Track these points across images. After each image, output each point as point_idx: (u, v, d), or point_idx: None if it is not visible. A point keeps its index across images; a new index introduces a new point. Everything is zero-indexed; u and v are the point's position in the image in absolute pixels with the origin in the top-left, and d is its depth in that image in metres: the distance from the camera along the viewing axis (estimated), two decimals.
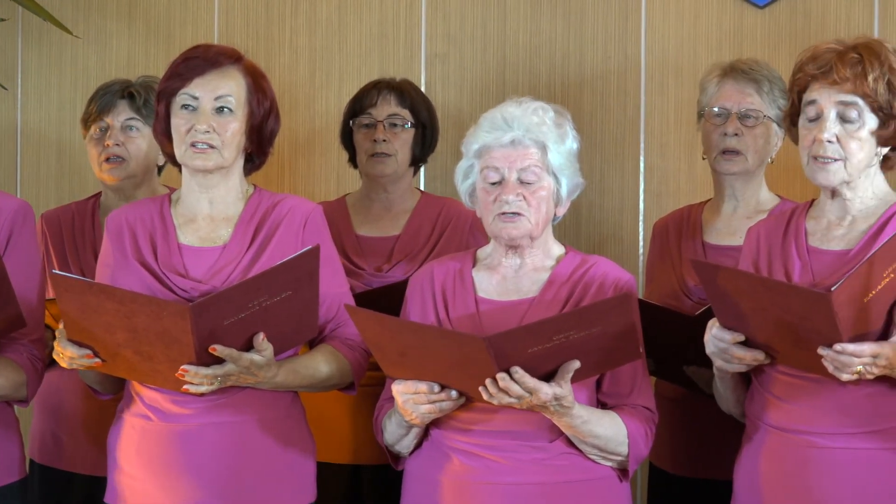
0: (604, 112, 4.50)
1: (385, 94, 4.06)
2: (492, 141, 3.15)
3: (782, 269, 3.07)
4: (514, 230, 3.13)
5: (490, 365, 2.87)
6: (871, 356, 2.80)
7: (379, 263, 3.95)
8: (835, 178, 3.01)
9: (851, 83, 2.97)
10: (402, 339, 2.97)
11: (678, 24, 4.44)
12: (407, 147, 4.04)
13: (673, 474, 3.79)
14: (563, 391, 2.92)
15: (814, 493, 2.96)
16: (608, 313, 2.88)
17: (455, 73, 4.57)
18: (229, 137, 3.24)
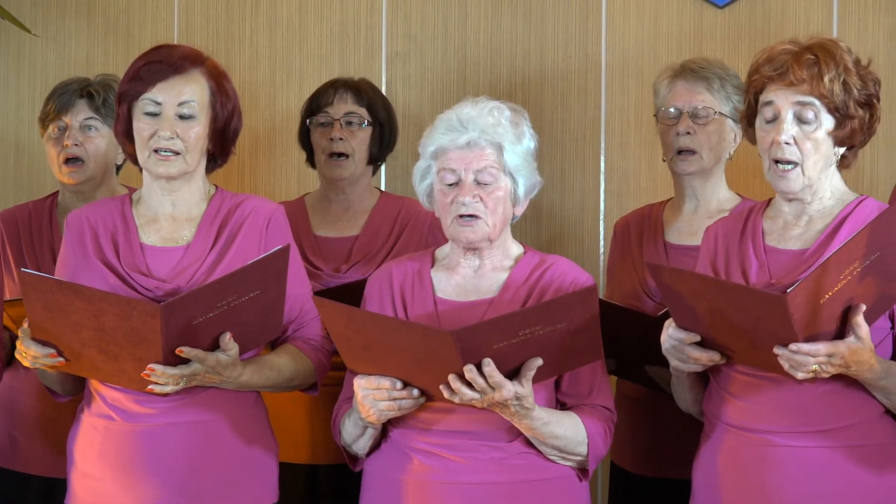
0: (564, 111, 4.51)
1: (342, 93, 4.05)
2: (447, 143, 3.15)
3: (739, 268, 3.08)
4: (472, 234, 3.13)
5: (455, 360, 2.87)
6: (827, 355, 2.81)
7: (337, 264, 3.94)
8: (795, 185, 3.02)
9: (808, 84, 2.98)
10: (368, 333, 2.96)
11: (638, 24, 4.45)
12: (364, 146, 4.03)
13: (634, 473, 3.80)
14: (524, 390, 2.92)
15: (770, 492, 2.97)
16: (573, 307, 2.89)
17: (416, 72, 4.57)
18: (193, 142, 3.23)
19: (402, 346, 2.92)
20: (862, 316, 2.82)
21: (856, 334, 2.82)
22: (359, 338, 2.97)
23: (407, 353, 2.93)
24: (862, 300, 2.83)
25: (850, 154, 3.08)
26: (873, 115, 3.05)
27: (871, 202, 3.07)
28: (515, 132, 3.18)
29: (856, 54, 3.05)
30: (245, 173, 4.64)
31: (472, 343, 2.85)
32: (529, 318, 2.87)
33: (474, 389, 2.90)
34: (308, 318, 3.31)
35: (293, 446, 3.84)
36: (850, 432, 2.96)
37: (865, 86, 3.02)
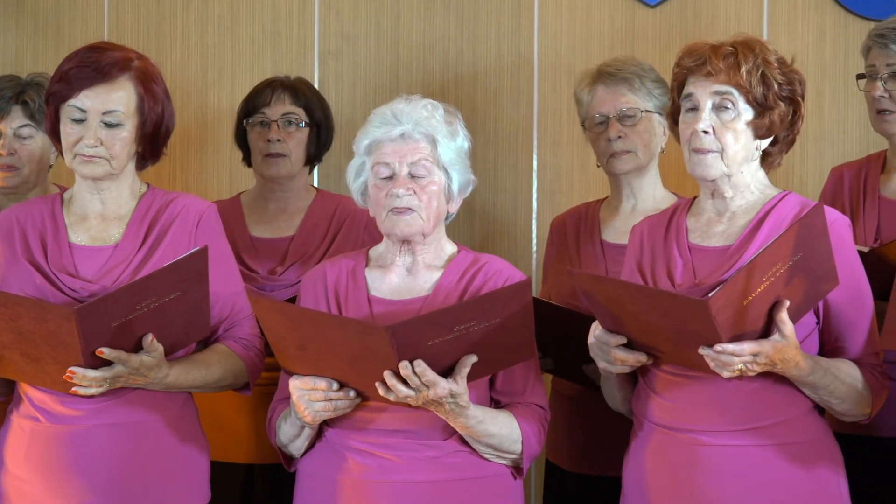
0: (497, 110, 4.51)
1: (279, 93, 4.03)
2: (381, 135, 3.16)
3: (664, 267, 3.10)
4: (407, 227, 3.13)
5: (390, 356, 2.87)
6: (752, 354, 2.84)
7: (273, 266, 3.92)
8: (714, 170, 3.03)
9: (725, 74, 3.01)
10: (303, 330, 2.95)
11: (570, 23, 4.47)
12: (301, 146, 4.02)
13: (568, 471, 3.80)
14: (459, 388, 2.93)
15: (698, 490, 2.99)
16: (507, 301, 2.89)
17: (348, 70, 4.56)
18: (118, 150, 3.20)
19: (337, 344, 2.92)
20: (786, 313, 2.84)
21: (781, 332, 2.85)
22: (293, 336, 2.96)
23: (342, 351, 2.92)
24: (788, 299, 2.85)
25: (773, 151, 3.10)
26: (797, 113, 3.08)
27: (793, 197, 3.09)
28: (449, 129, 3.19)
29: (781, 53, 3.08)
30: (176, 172, 4.61)
31: (407, 339, 2.85)
32: (464, 313, 2.87)
33: (409, 387, 2.90)
34: (240, 317, 3.30)
35: (230, 445, 3.82)
36: (778, 429, 2.98)
37: (789, 82, 3.05)
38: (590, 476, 3.74)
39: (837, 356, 3.01)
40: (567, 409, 3.60)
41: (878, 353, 3.04)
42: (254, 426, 3.77)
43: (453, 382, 2.92)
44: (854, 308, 3.01)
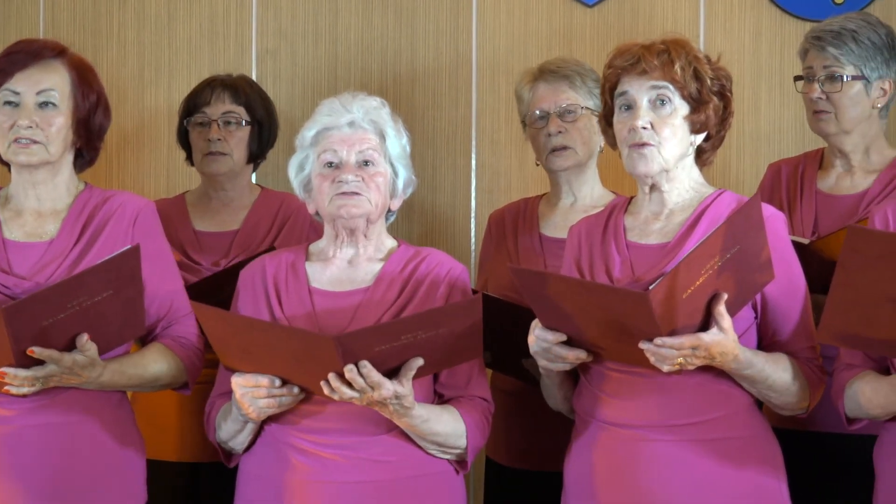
0: (436, 109, 4.51)
1: (219, 92, 4.02)
2: (330, 123, 3.17)
3: (603, 266, 3.11)
4: (354, 208, 3.13)
5: (336, 361, 2.86)
6: (691, 348, 2.85)
7: (217, 258, 3.90)
8: (653, 164, 3.05)
9: (659, 70, 3.04)
10: (247, 337, 2.94)
11: (509, 22, 4.48)
12: (243, 145, 4.01)
13: (507, 466, 3.81)
14: (404, 390, 2.93)
15: (641, 485, 2.99)
16: (457, 315, 2.91)
17: (286, 68, 4.55)
18: (54, 133, 3.19)
19: (282, 349, 2.91)
20: (724, 307, 2.85)
21: (719, 325, 2.86)
22: (237, 340, 2.96)
23: (287, 356, 2.92)
24: (724, 292, 2.87)
25: (707, 147, 3.13)
26: (727, 108, 3.11)
27: (728, 195, 3.11)
28: (395, 126, 3.22)
29: (706, 52, 3.13)
30: (113, 171, 4.57)
31: (353, 347, 2.85)
32: (412, 325, 2.88)
33: (354, 388, 2.90)
34: (179, 315, 3.28)
35: (174, 445, 3.81)
36: (718, 424, 3.00)
37: (718, 78, 3.09)
38: (529, 472, 3.74)
39: (775, 350, 3.03)
40: (506, 404, 3.61)
41: (815, 346, 3.07)
42: (199, 425, 3.74)
43: (398, 384, 2.92)
44: (791, 303, 3.04)
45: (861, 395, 2.99)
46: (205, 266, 3.86)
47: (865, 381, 2.99)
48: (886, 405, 2.94)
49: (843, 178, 3.68)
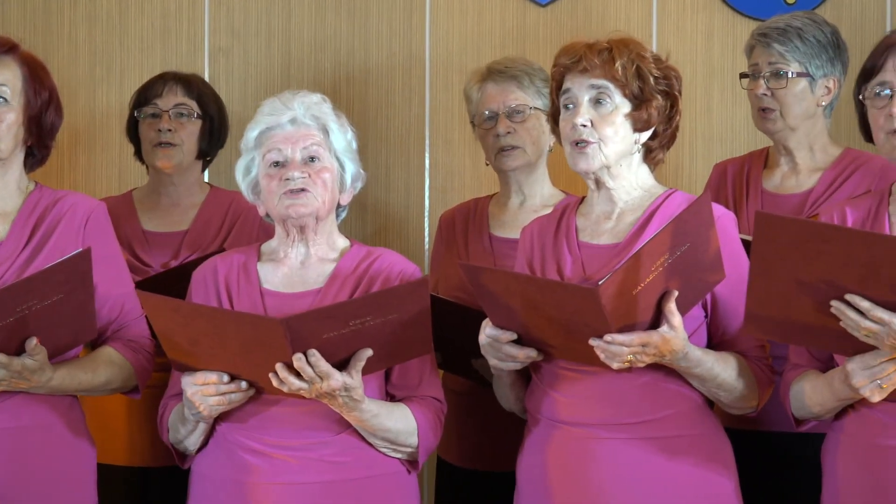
0: (389, 108, 4.52)
1: (171, 85, 4.02)
2: (272, 122, 3.16)
3: (555, 266, 3.12)
4: (302, 207, 3.13)
5: (285, 349, 2.85)
6: (641, 345, 2.86)
7: (166, 259, 3.89)
8: (594, 162, 3.07)
9: (600, 69, 3.05)
10: (196, 326, 2.93)
11: (462, 22, 4.48)
12: (193, 138, 4.00)
13: (459, 467, 3.82)
14: (353, 382, 2.92)
15: (593, 484, 3.00)
16: (404, 298, 2.90)
17: (239, 67, 4.54)
18: (4, 129, 3.16)
19: (230, 338, 2.90)
20: (675, 304, 2.87)
21: (669, 323, 2.87)
22: (185, 332, 2.94)
23: (235, 345, 2.91)
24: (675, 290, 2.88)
25: (655, 146, 3.14)
26: (674, 107, 3.12)
27: (679, 195, 3.13)
28: (339, 120, 3.22)
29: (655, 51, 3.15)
30: (65, 170, 4.55)
31: (302, 332, 2.84)
32: (360, 308, 2.87)
33: (302, 379, 2.89)
34: (130, 318, 3.26)
35: (122, 448, 3.79)
36: (669, 422, 3.01)
37: (665, 77, 3.10)
38: (480, 472, 3.75)
39: (725, 349, 3.05)
40: (456, 405, 3.61)
41: (764, 346, 3.09)
42: (147, 429, 3.73)
43: (347, 376, 2.91)
44: (741, 301, 3.03)
45: (803, 395, 3.01)
46: (154, 267, 3.85)
47: (806, 379, 3.01)
48: (823, 402, 2.97)
49: (788, 178, 3.71)
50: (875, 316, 2.68)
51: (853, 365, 2.79)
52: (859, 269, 2.64)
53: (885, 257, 2.61)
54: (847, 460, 2.96)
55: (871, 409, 2.89)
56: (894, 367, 2.76)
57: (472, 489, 3.78)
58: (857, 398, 2.87)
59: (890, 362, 2.75)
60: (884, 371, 2.76)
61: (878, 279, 2.65)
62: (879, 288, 2.66)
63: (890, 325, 2.67)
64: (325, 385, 2.90)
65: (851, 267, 2.65)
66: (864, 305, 2.68)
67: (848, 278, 2.67)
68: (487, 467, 3.71)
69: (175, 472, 3.28)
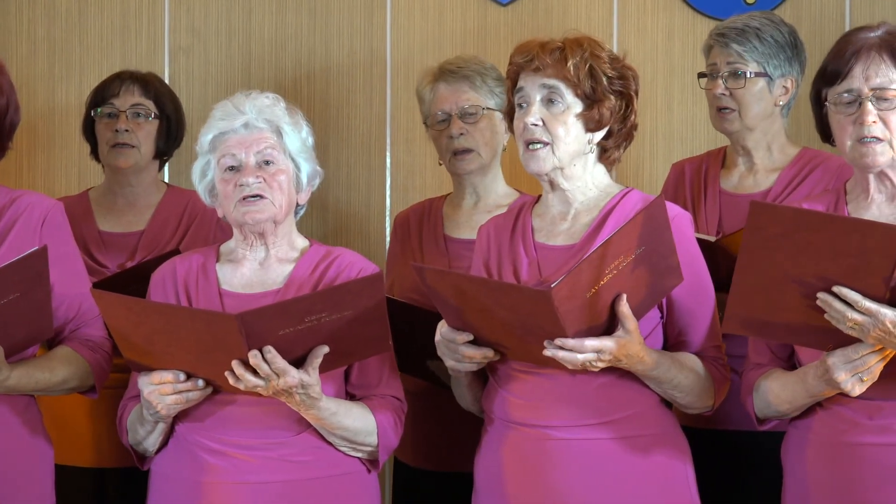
0: (350, 107, 4.51)
1: (128, 85, 4.00)
2: (225, 127, 3.16)
3: (511, 266, 3.12)
4: (259, 213, 3.12)
5: (240, 345, 2.85)
6: (594, 351, 2.86)
7: (122, 260, 3.88)
8: (545, 163, 3.07)
9: (552, 68, 3.05)
10: (150, 324, 2.92)
11: (423, 21, 4.48)
12: (150, 139, 3.99)
13: (416, 468, 3.81)
14: (310, 379, 2.92)
15: (551, 484, 3.00)
16: (359, 294, 2.89)
17: (199, 66, 4.53)
18: None
19: (185, 335, 2.89)
20: (627, 308, 2.87)
21: (624, 327, 2.87)
22: (140, 330, 2.93)
23: (191, 343, 2.90)
24: (631, 293, 2.88)
25: (609, 145, 3.13)
26: (629, 107, 3.12)
27: (635, 194, 3.13)
28: (293, 119, 3.20)
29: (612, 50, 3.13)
30: (23, 169, 4.53)
31: (257, 327, 2.83)
32: (314, 304, 2.86)
33: (259, 376, 2.88)
34: (87, 317, 3.24)
35: (80, 449, 3.77)
36: (627, 423, 3.01)
37: (621, 77, 3.09)
38: (438, 472, 3.75)
39: (681, 350, 3.06)
40: (413, 405, 3.59)
41: (720, 346, 3.10)
42: (105, 429, 3.71)
43: (304, 373, 2.91)
44: (697, 302, 3.06)
45: (769, 393, 3.01)
46: (109, 268, 3.84)
47: (773, 377, 3.02)
48: (793, 400, 2.97)
49: (745, 177, 3.72)
50: (863, 307, 2.69)
51: (834, 359, 2.79)
52: (850, 258, 2.65)
53: (878, 246, 2.62)
54: (814, 458, 2.97)
55: (842, 407, 2.90)
56: (876, 360, 2.77)
57: (429, 490, 3.78)
58: (831, 394, 2.89)
59: (871, 355, 2.77)
60: (865, 364, 2.77)
61: (868, 269, 2.66)
62: (868, 277, 2.67)
63: (877, 315, 2.69)
64: (281, 382, 2.90)
65: (842, 257, 2.66)
66: (852, 296, 2.69)
67: (837, 270, 2.68)
68: (445, 468, 3.71)
69: (134, 472, 3.27)
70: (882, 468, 2.86)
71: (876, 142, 2.89)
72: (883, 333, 2.70)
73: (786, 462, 3.07)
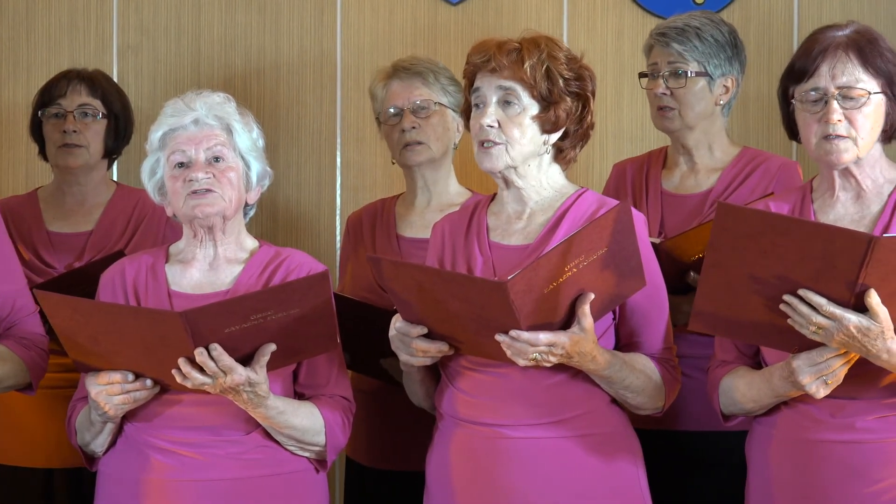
0: (300, 106, 4.50)
1: (75, 84, 3.98)
2: (175, 123, 3.15)
3: (465, 265, 3.12)
4: (209, 206, 3.11)
5: (186, 343, 2.85)
6: (548, 345, 2.86)
7: (70, 261, 3.86)
8: (498, 162, 3.07)
9: (509, 70, 3.05)
10: (95, 324, 2.91)
11: (373, 19, 4.48)
12: (99, 138, 3.97)
13: (368, 467, 3.81)
14: (257, 377, 2.92)
15: (501, 482, 3.01)
16: (304, 292, 2.89)
17: (148, 65, 4.51)
18: None
19: (131, 335, 2.88)
20: (588, 307, 2.87)
21: (580, 324, 2.88)
22: (85, 331, 2.91)
23: (137, 342, 2.89)
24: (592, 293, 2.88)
25: (566, 146, 3.13)
26: (586, 107, 3.12)
27: (590, 194, 3.13)
28: (243, 119, 3.20)
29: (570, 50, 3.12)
30: None
31: (202, 325, 2.83)
32: (260, 302, 2.86)
33: (206, 374, 2.87)
34: (21, 315, 3.23)
35: (28, 450, 3.75)
36: (579, 422, 3.02)
37: (578, 78, 3.09)
38: (390, 471, 3.75)
39: (633, 351, 3.07)
40: (365, 404, 3.61)
41: (671, 347, 3.11)
42: (53, 430, 3.69)
43: (251, 370, 2.91)
44: (650, 304, 3.07)
45: (735, 391, 3.03)
46: (57, 269, 3.82)
47: (739, 375, 3.03)
48: (758, 399, 2.98)
49: (687, 177, 3.74)
50: (828, 311, 2.70)
51: (799, 362, 2.81)
52: (815, 262, 2.67)
53: (844, 251, 2.64)
54: (778, 454, 2.99)
55: (806, 405, 2.92)
56: (840, 363, 2.79)
57: (381, 489, 3.78)
58: (796, 395, 2.90)
59: (836, 358, 2.78)
60: (829, 367, 2.79)
61: (833, 273, 2.67)
62: (833, 282, 2.68)
63: (841, 320, 2.70)
64: (228, 380, 2.89)
65: (807, 261, 2.67)
66: (816, 300, 2.71)
67: (802, 273, 2.69)
68: (397, 467, 3.71)
69: (82, 473, 3.26)
70: (845, 465, 2.88)
71: (840, 139, 2.91)
72: (847, 338, 2.72)
73: (750, 458, 3.08)
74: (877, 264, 2.64)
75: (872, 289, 2.68)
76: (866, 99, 2.90)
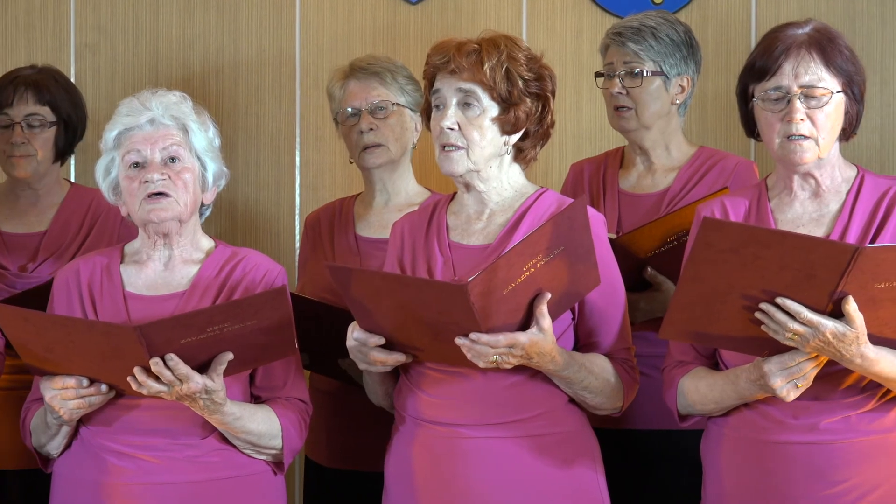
0: (259, 106, 4.49)
1: (21, 92, 3.89)
2: (130, 123, 3.13)
3: (425, 265, 3.12)
4: (164, 212, 3.09)
5: (142, 354, 2.84)
6: (507, 346, 2.86)
7: (24, 262, 3.83)
8: (459, 166, 3.06)
9: (469, 72, 3.04)
10: (49, 335, 2.89)
11: (333, 19, 4.47)
12: (48, 145, 3.91)
13: (328, 467, 3.80)
14: (214, 385, 2.91)
15: (460, 482, 3.01)
16: (262, 307, 2.88)
17: (106, 64, 4.49)
18: None
19: (85, 345, 2.87)
20: (546, 307, 2.87)
21: (538, 325, 2.88)
22: (39, 341, 2.90)
23: (91, 352, 2.88)
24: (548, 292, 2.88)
25: (526, 146, 3.13)
26: (546, 107, 3.11)
27: (550, 194, 3.13)
28: (200, 118, 3.18)
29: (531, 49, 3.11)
30: None
31: (158, 338, 2.82)
32: (216, 316, 2.85)
33: (162, 382, 2.87)
34: None
35: None
36: (537, 422, 3.02)
37: (538, 78, 3.09)
38: (349, 471, 3.74)
39: (591, 351, 3.07)
40: (324, 404, 3.61)
41: (630, 347, 3.12)
42: (6, 431, 3.66)
43: (208, 378, 2.90)
44: (608, 304, 3.07)
45: (695, 392, 3.03)
46: (11, 271, 3.79)
47: (699, 377, 3.03)
48: (721, 400, 2.98)
49: (644, 177, 3.75)
50: (805, 318, 2.71)
51: (770, 366, 2.81)
52: (794, 272, 2.68)
53: (825, 261, 2.65)
54: (736, 456, 2.99)
55: (767, 406, 2.93)
56: (811, 366, 2.80)
57: (340, 489, 3.77)
58: (762, 398, 2.91)
59: (807, 362, 2.79)
60: (801, 371, 2.80)
61: (811, 282, 2.68)
62: (812, 290, 2.70)
63: (818, 327, 2.71)
64: (185, 388, 2.88)
65: (787, 271, 2.68)
66: (794, 308, 2.72)
67: (780, 283, 2.70)
68: (356, 467, 3.70)
69: (36, 474, 3.24)
70: (807, 466, 2.89)
71: (803, 139, 2.92)
72: (822, 343, 2.74)
73: (705, 459, 3.09)
74: (858, 273, 2.65)
75: (850, 295, 2.70)
76: (828, 98, 2.92)
